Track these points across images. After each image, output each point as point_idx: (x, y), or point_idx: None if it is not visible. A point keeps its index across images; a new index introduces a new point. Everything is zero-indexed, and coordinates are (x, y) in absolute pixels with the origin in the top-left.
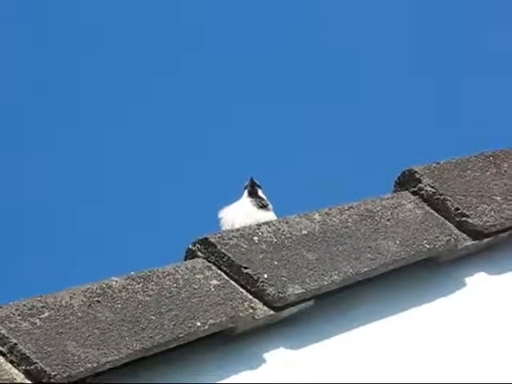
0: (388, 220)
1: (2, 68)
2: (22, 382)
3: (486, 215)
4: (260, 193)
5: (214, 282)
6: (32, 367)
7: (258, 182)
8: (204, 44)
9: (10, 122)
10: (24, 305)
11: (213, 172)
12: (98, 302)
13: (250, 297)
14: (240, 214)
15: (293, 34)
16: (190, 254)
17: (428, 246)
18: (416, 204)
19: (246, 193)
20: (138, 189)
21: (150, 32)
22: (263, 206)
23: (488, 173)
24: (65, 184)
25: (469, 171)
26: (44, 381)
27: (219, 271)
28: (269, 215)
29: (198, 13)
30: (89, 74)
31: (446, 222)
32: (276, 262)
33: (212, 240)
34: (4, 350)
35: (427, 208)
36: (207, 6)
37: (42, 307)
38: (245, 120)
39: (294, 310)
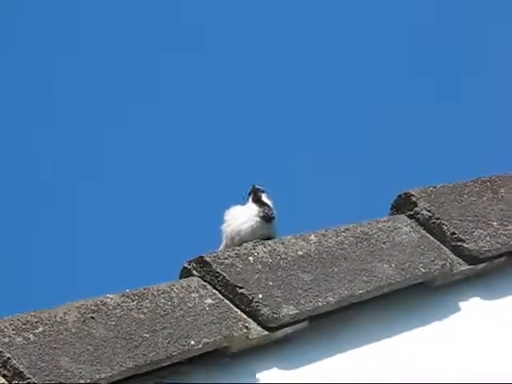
0: (384, 243)
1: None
2: None
3: (482, 240)
4: (264, 198)
5: (209, 300)
6: (25, 382)
7: (261, 188)
8: (204, 44)
9: (9, 124)
10: (18, 319)
11: (210, 187)
12: (93, 318)
13: (245, 316)
14: (244, 226)
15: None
16: (186, 273)
17: (423, 270)
18: (412, 227)
19: (250, 199)
20: (133, 205)
21: (150, 32)
22: (269, 220)
23: (485, 198)
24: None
25: (465, 196)
26: None
27: (214, 290)
28: (272, 230)
29: (198, 13)
30: (88, 74)
31: (442, 246)
32: (271, 283)
33: (207, 259)
34: None
35: (423, 232)
36: (207, 6)
37: (37, 322)
38: (244, 122)
39: (288, 330)
